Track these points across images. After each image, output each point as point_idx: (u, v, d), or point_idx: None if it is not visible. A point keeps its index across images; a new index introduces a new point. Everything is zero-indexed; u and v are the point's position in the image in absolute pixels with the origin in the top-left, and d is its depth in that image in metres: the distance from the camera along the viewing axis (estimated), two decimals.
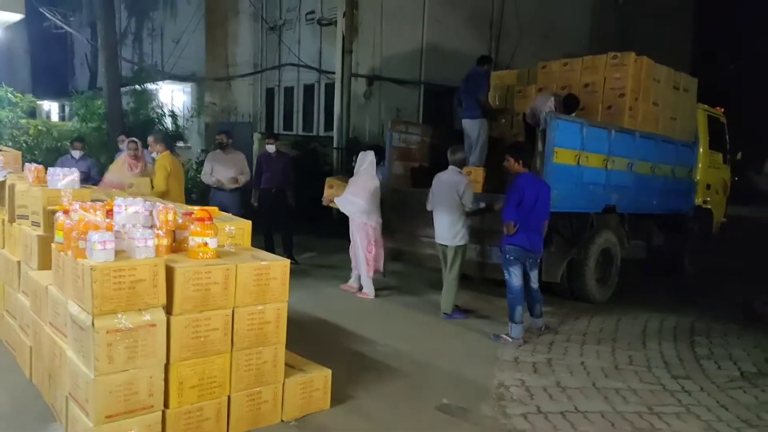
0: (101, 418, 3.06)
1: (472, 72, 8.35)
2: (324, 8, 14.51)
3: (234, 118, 17.32)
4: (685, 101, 8.58)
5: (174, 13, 19.20)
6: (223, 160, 8.39)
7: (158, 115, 12.95)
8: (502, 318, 6.00)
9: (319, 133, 15.04)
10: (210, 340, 3.39)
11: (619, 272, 7.63)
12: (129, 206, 3.54)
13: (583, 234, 7.06)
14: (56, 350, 3.57)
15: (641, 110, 7.60)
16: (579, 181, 6.77)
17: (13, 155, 5.91)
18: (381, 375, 4.66)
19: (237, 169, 8.35)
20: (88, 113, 11.87)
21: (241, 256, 3.73)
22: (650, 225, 8.50)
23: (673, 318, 6.68)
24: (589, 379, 4.74)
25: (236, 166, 8.38)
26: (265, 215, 8.51)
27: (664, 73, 8.05)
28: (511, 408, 4.15)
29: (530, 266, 5.64)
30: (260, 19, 16.52)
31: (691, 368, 5.10)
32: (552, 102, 7.29)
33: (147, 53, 20.59)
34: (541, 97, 7.61)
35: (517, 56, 13.82)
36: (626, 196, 7.50)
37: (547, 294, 6.53)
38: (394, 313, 6.55)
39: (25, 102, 10.76)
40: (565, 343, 5.66)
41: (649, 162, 7.82)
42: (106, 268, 3.05)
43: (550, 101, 7.32)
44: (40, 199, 4.24)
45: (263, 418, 3.68)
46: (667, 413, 4.14)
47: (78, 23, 22.77)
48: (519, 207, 5.43)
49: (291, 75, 15.86)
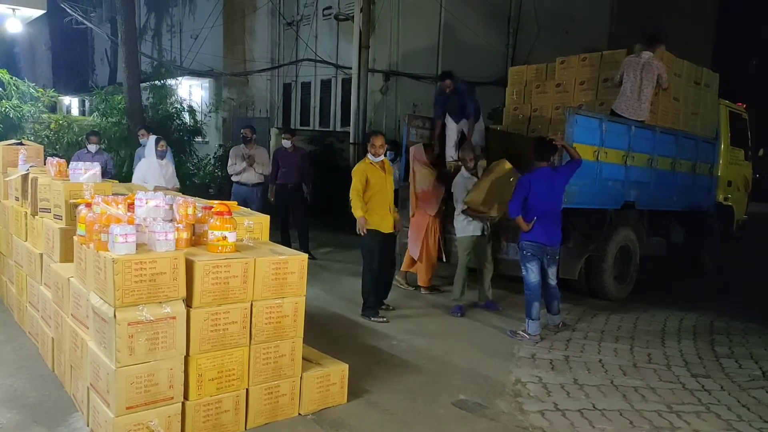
0: (122, 409, 3.10)
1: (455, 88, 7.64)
2: (341, 3, 14.53)
3: (251, 114, 17.42)
4: (706, 96, 8.47)
5: (192, 9, 19.33)
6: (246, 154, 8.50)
7: (177, 111, 13.04)
8: (519, 314, 5.98)
9: (336, 128, 15.06)
10: (229, 333, 3.42)
11: (638, 269, 7.56)
12: (150, 200, 3.57)
13: (601, 230, 7.00)
14: (78, 341, 3.62)
15: (661, 105, 7.51)
16: (597, 177, 6.71)
17: (36, 149, 5.98)
18: (398, 370, 4.66)
19: (259, 163, 8.42)
20: (108, 108, 11.98)
21: (260, 250, 3.76)
22: (670, 222, 8.40)
23: (693, 316, 6.61)
24: (607, 377, 4.71)
25: (258, 160, 8.45)
26: (281, 210, 8.56)
27: (685, 68, 7.96)
28: (527, 405, 4.14)
29: (548, 262, 5.61)
30: (277, 15, 16.58)
31: (711, 367, 5.04)
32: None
33: (166, 49, 20.75)
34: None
35: (536, 51, 13.70)
36: (646, 192, 7.42)
37: (564, 291, 6.49)
38: (412, 308, 6.54)
39: (46, 97, 10.87)
40: (582, 340, 5.63)
41: (669, 158, 7.73)
42: (127, 261, 3.08)
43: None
44: (62, 193, 4.30)
45: (281, 412, 3.70)
46: (687, 412, 4.10)
47: (98, 19, 23.01)
48: (528, 203, 5.41)
49: (308, 70, 15.89)
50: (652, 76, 7.00)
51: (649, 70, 6.98)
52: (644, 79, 6.96)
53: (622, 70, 7.12)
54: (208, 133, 15.90)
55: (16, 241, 5.26)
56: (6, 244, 5.64)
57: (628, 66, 7.07)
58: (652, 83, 7.02)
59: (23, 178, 5.13)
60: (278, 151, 8.82)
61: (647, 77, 6.97)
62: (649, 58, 7.02)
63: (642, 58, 7.03)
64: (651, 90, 7.05)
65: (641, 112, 7.05)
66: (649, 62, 7.00)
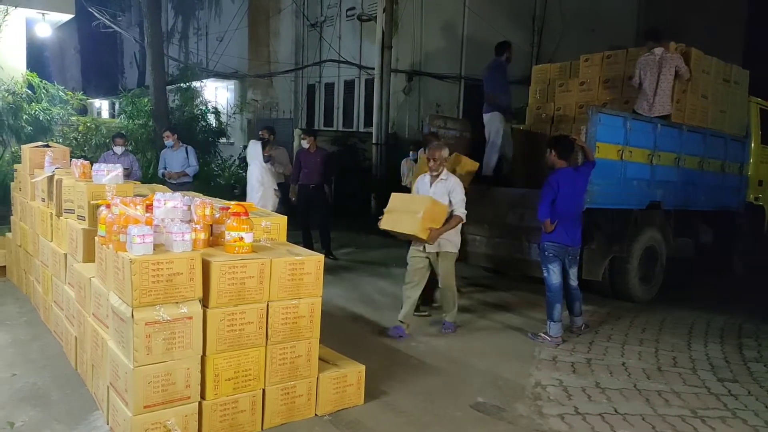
0: (140, 408, 3.13)
1: (491, 63, 7.99)
2: (364, 4, 14.55)
3: (275, 115, 17.56)
4: (735, 94, 8.27)
5: (218, 12, 19.57)
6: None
7: (202, 112, 13.21)
8: (541, 316, 5.90)
9: (359, 128, 15.09)
10: (245, 334, 3.44)
11: (664, 271, 7.41)
12: (168, 201, 3.61)
13: (626, 231, 6.89)
14: (98, 341, 3.67)
15: (689, 103, 7.36)
16: (622, 177, 6.59)
17: (62, 151, 6.10)
18: (416, 371, 4.64)
19: (278, 163, 8.46)
20: (134, 110, 12.20)
21: (277, 251, 3.77)
22: (698, 222, 8.22)
23: (721, 319, 6.46)
24: (629, 381, 4.62)
25: (278, 160, 8.49)
26: (303, 211, 8.59)
27: (714, 65, 7.78)
28: (547, 408, 4.08)
29: (570, 263, 5.52)
30: (301, 16, 16.68)
31: (738, 371, 4.91)
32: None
33: (193, 52, 21.04)
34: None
35: (561, 49, 13.55)
36: (672, 192, 7.28)
37: (588, 292, 6.40)
38: (432, 310, 6.49)
39: (75, 100, 11.09)
40: (605, 343, 5.53)
41: (696, 157, 7.57)
42: (144, 261, 3.12)
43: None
44: (85, 194, 4.37)
45: (297, 412, 3.71)
46: (712, 417, 4.00)
47: (127, 23, 23.43)
48: (554, 204, 5.33)
49: (331, 71, 15.96)
50: (669, 70, 6.96)
51: (665, 65, 6.93)
52: (662, 75, 6.94)
53: (639, 71, 7.08)
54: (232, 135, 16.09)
55: (42, 242, 5.36)
56: (33, 245, 5.76)
57: (645, 66, 7.04)
58: (669, 77, 6.97)
59: (49, 180, 5.23)
60: (300, 152, 8.86)
61: (665, 72, 6.94)
62: (663, 53, 6.99)
63: (656, 54, 6.99)
64: (670, 84, 6.98)
65: (662, 108, 6.95)
66: (664, 57, 6.97)
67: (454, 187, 5.40)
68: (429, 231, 5.16)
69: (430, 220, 5.16)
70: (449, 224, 5.29)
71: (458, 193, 5.39)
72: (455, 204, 5.36)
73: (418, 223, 5.11)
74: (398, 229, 5.33)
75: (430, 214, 5.16)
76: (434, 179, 5.47)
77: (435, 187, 5.44)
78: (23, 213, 6.25)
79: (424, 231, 5.14)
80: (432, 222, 5.17)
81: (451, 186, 5.40)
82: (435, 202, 5.24)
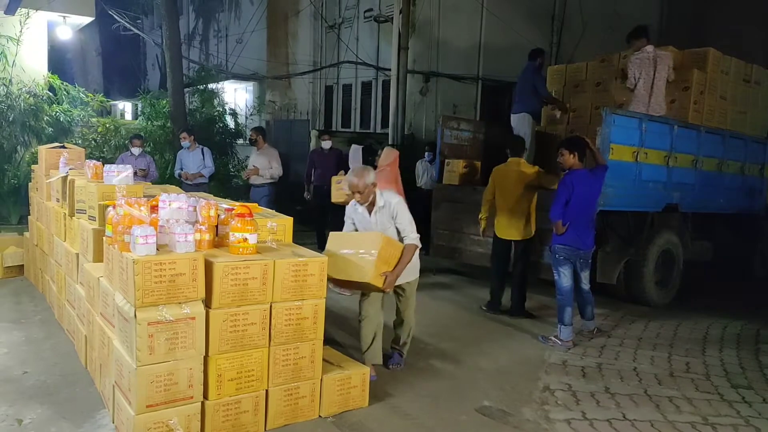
0: (143, 407, 3.15)
1: (526, 67, 8.15)
2: (382, 5, 14.53)
3: (293, 116, 17.61)
4: (756, 95, 8.14)
5: (238, 14, 19.70)
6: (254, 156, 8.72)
7: (219, 114, 13.30)
8: (552, 319, 5.84)
9: (376, 130, 15.08)
10: (248, 334, 3.44)
11: (681, 274, 7.29)
12: (173, 202, 3.63)
13: (642, 234, 6.79)
14: (105, 340, 3.71)
15: (707, 104, 7.24)
16: (637, 179, 6.51)
17: (77, 152, 6.19)
18: (422, 374, 4.61)
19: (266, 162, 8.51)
20: (153, 112, 12.31)
21: (281, 252, 3.77)
22: (717, 225, 8.07)
23: (738, 324, 6.33)
24: (640, 386, 4.54)
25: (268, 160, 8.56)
26: (317, 211, 8.61)
27: (733, 65, 7.64)
28: (554, 413, 4.03)
29: (581, 266, 5.45)
30: (319, 18, 16.72)
31: (753, 378, 4.81)
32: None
33: (213, 54, 21.20)
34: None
35: (581, 50, 13.36)
36: (690, 194, 7.16)
37: (602, 296, 6.32)
38: (440, 311, 6.47)
39: (95, 101, 11.23)
40: (617, 347, 5.45)
41: (715, 158, 7.44)
42: (147, 261, 3.14)
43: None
44: (96, 194, 4.42)
45: (301, 413, 3.71)
46: (724, 424, 3.92)
47: (150, 25, 23.70)
48: (568, 205, 5.26)
49: (349, 72, 15.98)
50: (663, 68, 6.84)
51: (660, 63, 6.82)
52: (657, 73, 6.80)
53: (633, 71, 6.89)
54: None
55: (56, 241, 5.44)
56: (48, 244, 5.85)
57: (639, 65, 6.86)
58: (663, 75, 6.85)
59: (63, 180, 5.31)
60: (314, 152, 8.90)
61: (659, 70, 6.82)
62: (655, 50, 6.87)
63: (649, 52, 6.86)
64: (664, 83, 6.85)
65: (659, 107, 6.84)
66: (658, 54, 6.86)
67: (397, 209, 4.34)
68: (384, 277, 4.12)
69: (384, 262, 4.12)
70: (403, 260, 4.22)
71: (404, 215, 4.36)
72: (404, 230, 4.35)
73: (372, 269, 4.01)
74: (344, 276, 4.14)
75: (384, 255, 4.10)
76: (371, 208, 4.38)
77: (376, 217, 4.37)
78: (39, 213, 6.36)
79: (379, 278, 4.09)
80: (386, 264, 4.13)
81: (394, 209, 4.34)
82: (388, 241, 4.17)
